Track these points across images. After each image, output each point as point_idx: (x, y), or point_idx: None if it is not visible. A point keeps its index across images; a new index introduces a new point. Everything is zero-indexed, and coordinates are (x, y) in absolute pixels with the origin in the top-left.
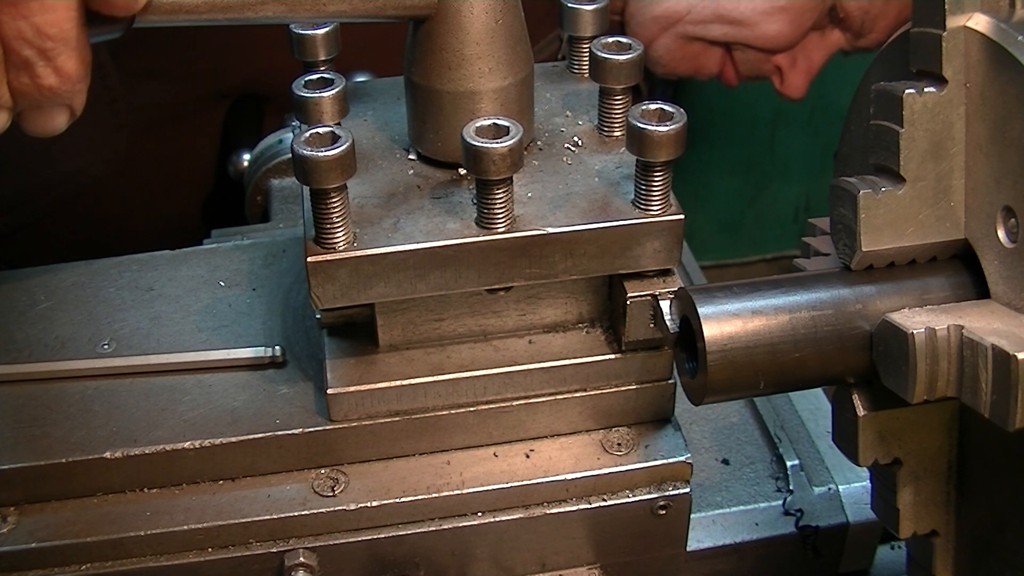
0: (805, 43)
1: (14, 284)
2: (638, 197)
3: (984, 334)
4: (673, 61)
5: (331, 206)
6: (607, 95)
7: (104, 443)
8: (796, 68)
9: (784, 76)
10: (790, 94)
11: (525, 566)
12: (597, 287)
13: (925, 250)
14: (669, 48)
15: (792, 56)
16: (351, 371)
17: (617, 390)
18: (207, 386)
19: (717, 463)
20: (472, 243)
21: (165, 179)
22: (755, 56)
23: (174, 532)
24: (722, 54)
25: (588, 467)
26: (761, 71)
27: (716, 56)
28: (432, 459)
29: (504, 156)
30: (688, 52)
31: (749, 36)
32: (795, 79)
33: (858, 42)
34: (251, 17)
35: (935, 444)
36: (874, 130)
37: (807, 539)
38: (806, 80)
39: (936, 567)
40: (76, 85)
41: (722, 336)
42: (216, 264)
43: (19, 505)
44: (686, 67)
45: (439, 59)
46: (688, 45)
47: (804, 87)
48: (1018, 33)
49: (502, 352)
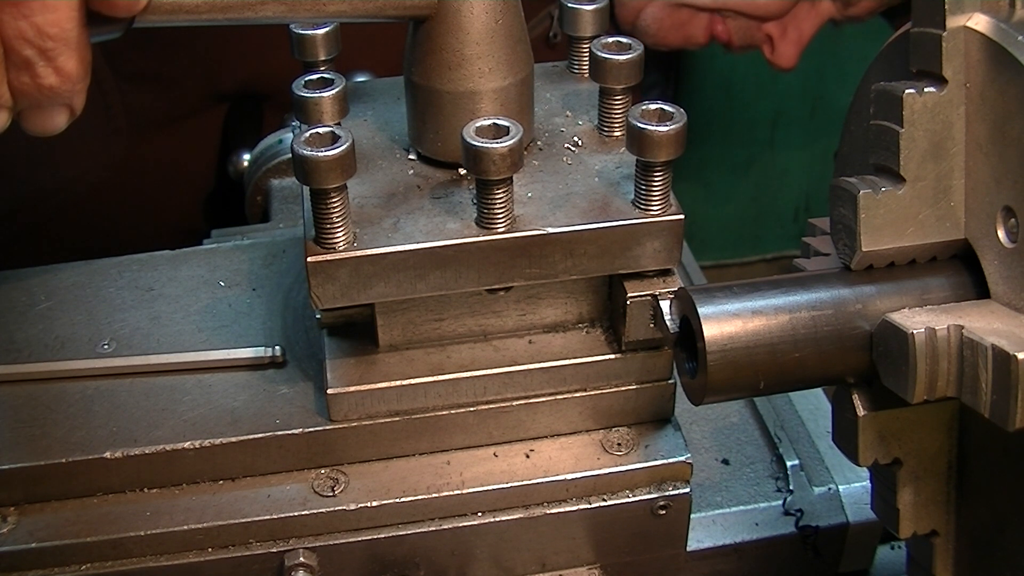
0: (796, 12)
1: (14, 284)
2: (638, 197)
3: (984, 334)
4: (662, 31)
5: (331, 206)
6: (607, 95)
7: (104, 443)
8: (786, 38)
9: (775, 45)
10: (780, 63)
11: (525, 566)
12: (597, 287)
13: (925, 250)
14: (657, 17)
15: (782, 25)
16: (351, 371)
17: (617, 390)
18: (207, 386)
19: (717, 463)
20: (472, 243)
21: (164, 183)
22: (745, 24)
23: (174, 532)
24: (709, 20)
25: (588, 467)
26: (752, 40)
27: (703, 24)
28: (432, 459)
29: (504, 156)
30: (676, 20)
31: (739, 2)
32: (785, 48)
33: (848, 11)
34: (251, 17)
35: (935, 444)
36: (874, 130)
37: (807, 539)
38: (797, 50)
39: (936, 567)
40: (76, 85)
41: (722, 336)
42: (216, 264)
43: (19, 505)
44: (674, 36)
45: (439, 59)
46: (676, 13)
47: (795, 57)
48: (1018, 33)
49: (502, 352)
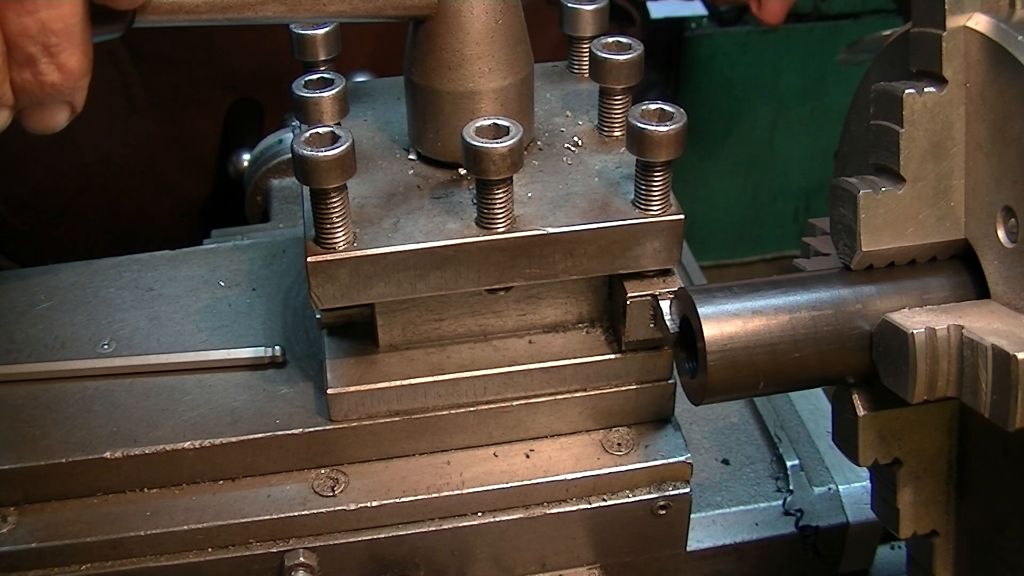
0: None
1: (14, 284)
2: (638, 197)
3: (984, 334)
4: None
5: (331, 206)
6: (607, 95)
7: (104, 443)
8: None
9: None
10: (767, 20)
11: (525, 566)
12: (597, 287)
13: (925, 250)
14: None
15: None
16: (351, 371)
17: (617, 390)
18: (207, 386)
19: (717, 463)
20: (472, 243)
21: (183, 162)
22: None
23: (174, 532)
24: None
25: (588, 467)
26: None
27: None
28: (432, 459)
29: (504, 156)
30: None
31: None
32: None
33: None
34: (251, 17)
35: (935, 444)
36: (874, 130)
37: (807, 539)
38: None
39: (936, 567)
40: (78, 82)
41: (722, 336)
42: (216, 264)
43: (19, 505)
44: None
45: (439, 59)
46: None
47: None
48: (1018, 33)
49: (502, 352)
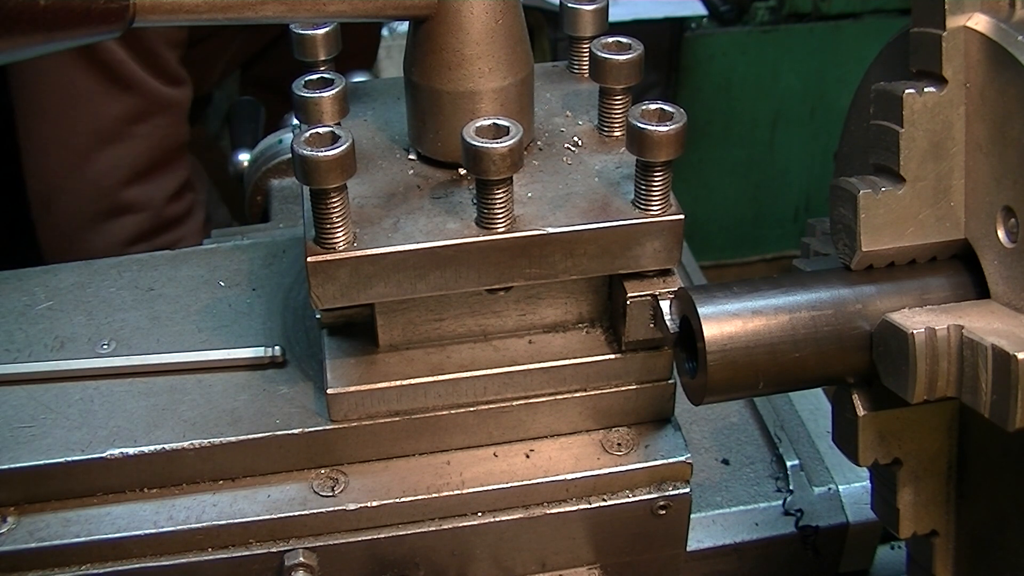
0: None
1: (14, 284)
2: (638, 197)
3: (984, 334)
4: None
5: (331, 206)
6: (607, 95)
7: (104, 443)
8: None
9: None
10: None
11: (525, 566)
12: (597, 287)
13: (925, 250)
14: None
15: None
16: (351, 371)
17: (617, 390)
18: (207, 386)
19: (717, 463)
20: (472, 243)
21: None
22: None
23: (174, 532)
24: None
25: (588, 467)
26: None
27: None
28: (432, 459)
29: (504, 156)
30: None
31: None
32: None
33: None
34: (251, 17)
35: (935, 444)
36: (874, 130)
37: (807, 539)
38: None
39: (936, 567)
40: None
41: (722, 336)
42: (216, 264)
43: (19, 505)
44: None
45: (439, 59)
46: None
47: None
48: (1018, 33)
49: (502, 352)
